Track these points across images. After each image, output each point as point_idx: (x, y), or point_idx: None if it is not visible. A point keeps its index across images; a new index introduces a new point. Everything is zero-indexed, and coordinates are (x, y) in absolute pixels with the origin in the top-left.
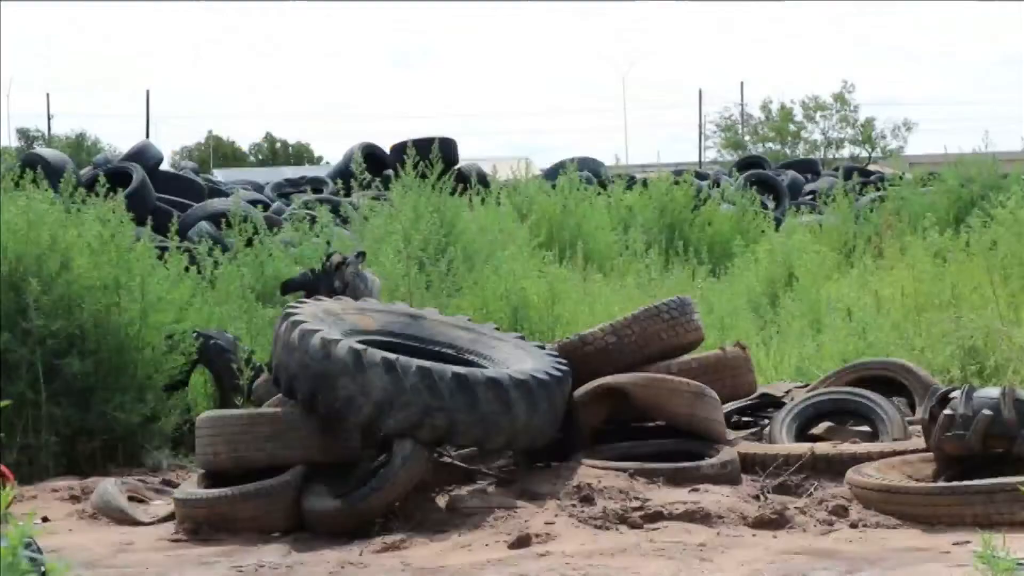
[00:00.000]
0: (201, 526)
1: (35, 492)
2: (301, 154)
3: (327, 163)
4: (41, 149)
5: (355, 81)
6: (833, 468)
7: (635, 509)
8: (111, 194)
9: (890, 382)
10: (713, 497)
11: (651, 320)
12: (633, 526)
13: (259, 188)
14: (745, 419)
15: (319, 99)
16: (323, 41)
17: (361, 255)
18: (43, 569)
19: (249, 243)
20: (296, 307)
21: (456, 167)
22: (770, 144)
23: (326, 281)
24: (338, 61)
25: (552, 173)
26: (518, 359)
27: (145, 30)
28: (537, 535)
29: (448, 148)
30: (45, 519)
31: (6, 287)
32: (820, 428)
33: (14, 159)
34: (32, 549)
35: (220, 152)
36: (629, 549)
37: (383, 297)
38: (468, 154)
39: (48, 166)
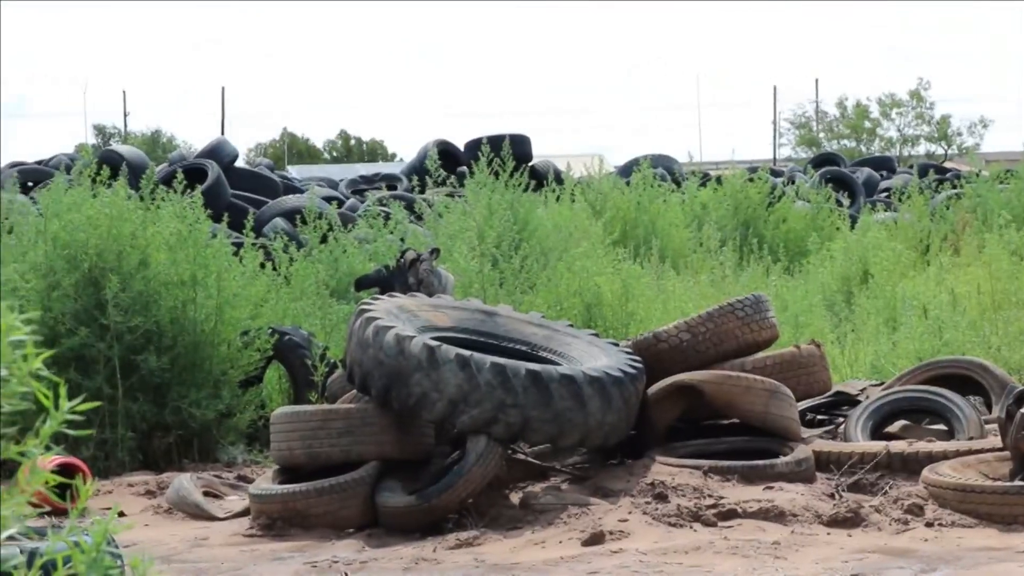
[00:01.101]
0: (275, 521)
1: (111, 487)
2: (375, 151)
3: (401, 160)
4: (118, 146)
5: (429, 78)
6: (908, 467)
7: (709, 507)
8: (188, 191)
9: (966, 380)
10: (787, 495)
11: (725, 317)
12: (707, 524)
13: (333, 185)
14: (819, 417)
15: (394, 96)
16: (397, 37)
17: (435, 252)
18: (123, 564)
19: (324, 240)
20: (370, 303)
21: (530, 164)
22: (845, 141)
23: (400, 278)
24: (412, 57)
25: (626, 170)
26: (592, 356)
27: (220, 28)
28: (611, 532)
29: (522, 145)
30: (121, 514)
31: (85, 283)
32: (896, 426)
33: (92, 156)
34: (111, 544)
35: (295, 149)
36: (703, 547)
37: (457, 294)
38: (542, 151)
39: (126, 163)
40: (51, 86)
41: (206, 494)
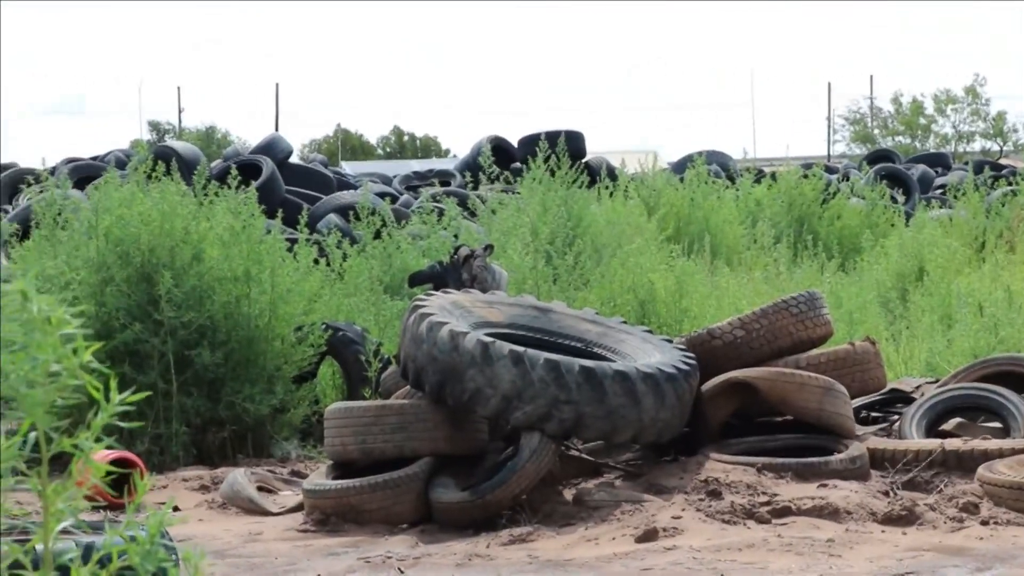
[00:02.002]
0: (329, 517)
1: (165, 481)
2: (428, 147)
3: (455, 156)
4: (173, 142)
5: (482, 74)
6: (964, 465)
7: (763, 504)
8: (242, 187)
9: (1022, 378)
10: (842, 493)
11: (780, 314)
12: (761, 521)
13: (387, 181)
14: (874, 414)
15: (447, 92)
16: (451, 34)
17: (489, 248)
18: (177, 557)
19: (377, 235)
20: (424, 299)
21: (584, 160)
22: (900, 138)
23: (454, 274)
24: (465, 54)
25: (680, 166)
26: (646, 353)
27: (274, 25)
28: (664, 529)
29: (576, 141)
30: (176, 508)
31: (139, 278)
32: (951, 424)
33: (147, 152)
34: (165, 538)
35: (348, 145)
36: (757, 544)
37: (510, 290)
38: (596, 147)
39: (180, 159)
40: (108, 84)
41: (260, 489)
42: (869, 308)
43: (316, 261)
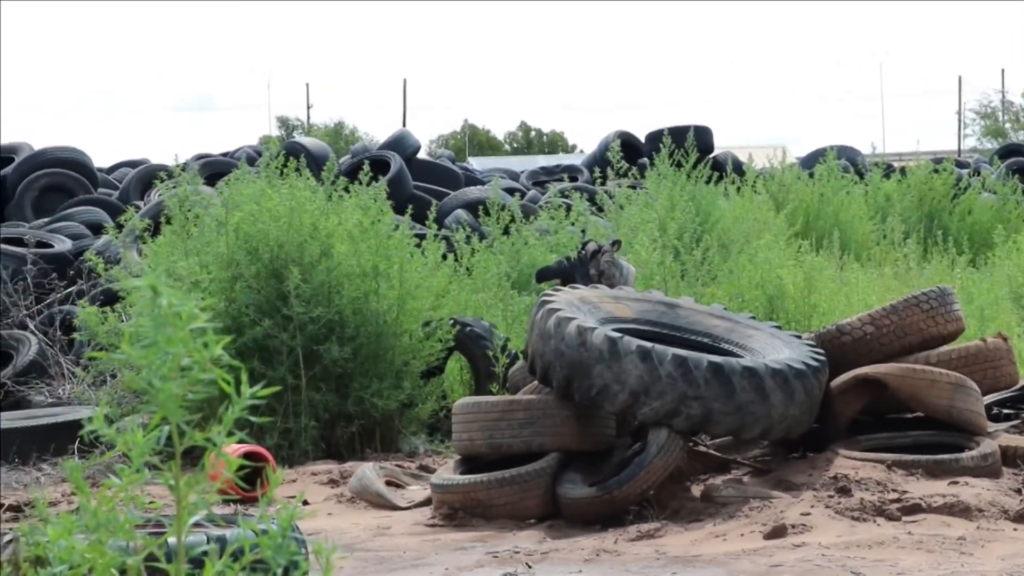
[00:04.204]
0: (457, 511)
1: (294, 476)
2: (555, 142)
3: (581, 152)
4: (302, 138)
5: (608, 69)
6: None
7: (893, 501)
8: (371, 182)
9: None
10: (973, 490)
11: (910, 310)
12: (890, 518)
13: (514, 176)
14: (1006, 411)
15: (574, 87)
16: (577, 31)
17: (616, 243)
18: (307, 551)
19: (505, 231)
20: (552, 295)
21: (711, 155)
22: None
23: (581, 269)
24: (591, 49)
25: (808, 161)
26: (774, 348)
27: (401, 20)
28: (793, 526)
29: (703, 136)
30: (305, 502)
31: (268, 274)
32: None
33: (278, 148)
34: (295, 532)
35: (475, 141)
36: (887, 542)
37: (638, 285)
38: (723, 142)
39: (309, 155)
40: (238, 81)
41: (388, 484)
42: (1001, 304)
43: (444, 257)
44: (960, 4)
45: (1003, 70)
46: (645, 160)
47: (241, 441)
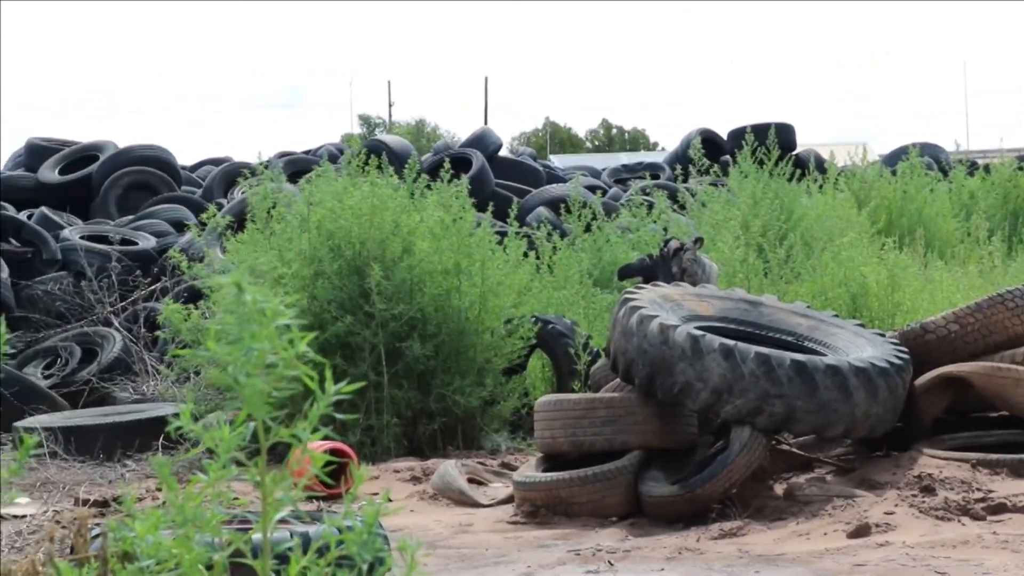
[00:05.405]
0: (539, 509)
1: (377, 472)
2: (637, 140)
3: (663, 149)
4: (383, 136)
5: (689, 67)
6: None
7: (978, 500)
8: (453, 180)
9: None
10: None
11: (995, 308)
12: (975, 518)
13: (595, 174)
14: None
15: (656, 85)
16: (658, 29)
17: (699, 241)
18: (390, 547)
19: (587, 229)
20: (634, 292)
21: (794, 152)
22: None
23: (664, 267)
24: (672, 47)
25: (891, 159)
26: (857, 347)
27: (483, 18)
28: (876, 525)
29: (786, 133)
30: (389, 499)
31: (350, 271)
32: None
33: (359, 145)
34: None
35: (557, 138)
36: (971, 541)
37: (721, 283)
38: (804, 139)
39: (391, 152)
40: (320, 79)
41: (470, 481)
42: None
43: (526, 254)
44: None
45: None
46: (727, 157)
47: (325, 437)
